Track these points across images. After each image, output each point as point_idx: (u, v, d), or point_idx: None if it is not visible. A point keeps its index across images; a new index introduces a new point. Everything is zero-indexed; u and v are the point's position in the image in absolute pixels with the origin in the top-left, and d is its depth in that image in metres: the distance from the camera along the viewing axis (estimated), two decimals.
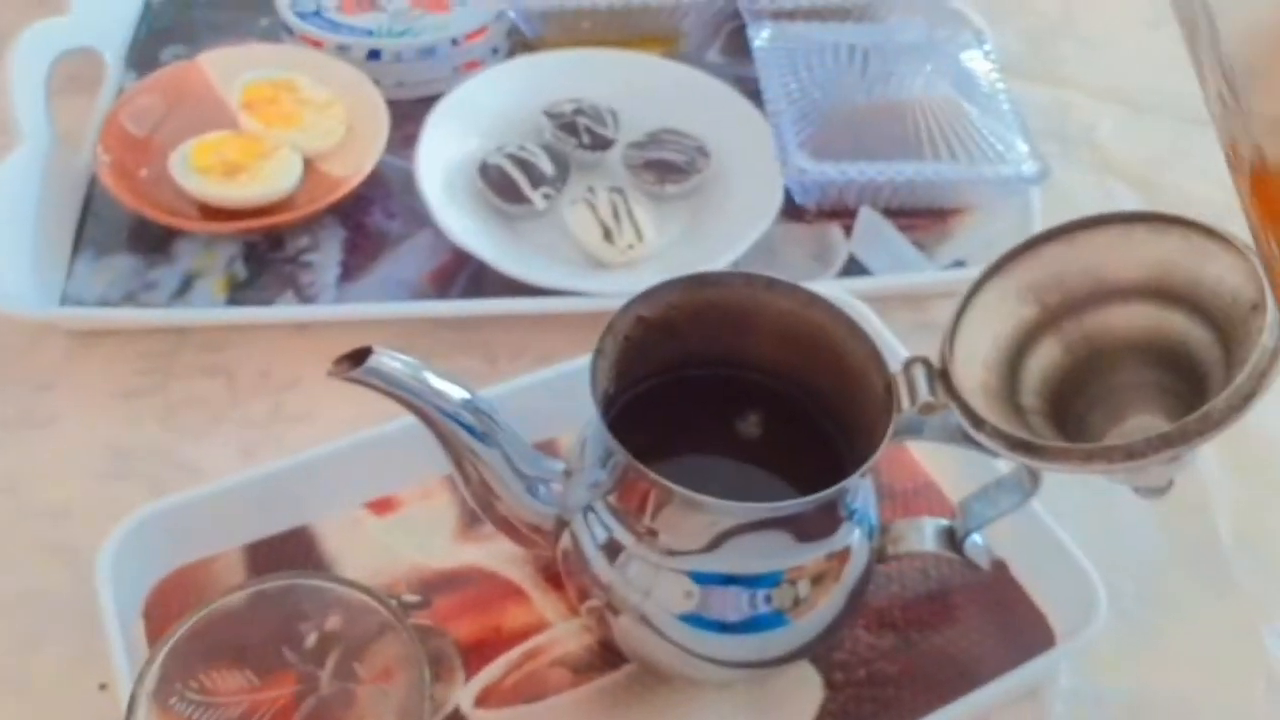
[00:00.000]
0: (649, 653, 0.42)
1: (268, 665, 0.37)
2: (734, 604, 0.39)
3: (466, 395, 0.38)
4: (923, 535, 0.45)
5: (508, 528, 0.41)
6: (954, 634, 0.46)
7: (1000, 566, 0.48)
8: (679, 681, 0.44)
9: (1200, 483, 0.54)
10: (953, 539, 0.45)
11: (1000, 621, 0.47)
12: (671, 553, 0.39)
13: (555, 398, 0.50)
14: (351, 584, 0.34)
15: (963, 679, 0.45)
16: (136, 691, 0.32)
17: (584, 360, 0.51)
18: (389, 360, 0.37)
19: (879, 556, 0.43)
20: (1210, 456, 0.54)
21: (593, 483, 0.40)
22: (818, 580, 0.40)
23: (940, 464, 0.52)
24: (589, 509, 0.40)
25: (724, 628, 0.40)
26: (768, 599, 0.39)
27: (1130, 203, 0.70)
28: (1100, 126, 0.74)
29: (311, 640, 0.37)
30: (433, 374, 0.38)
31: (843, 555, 0.41)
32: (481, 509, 0.41)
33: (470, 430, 0.38)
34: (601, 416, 0.38)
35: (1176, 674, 0.47)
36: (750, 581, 0.39)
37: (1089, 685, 0.46)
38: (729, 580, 0.39)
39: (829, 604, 0.41)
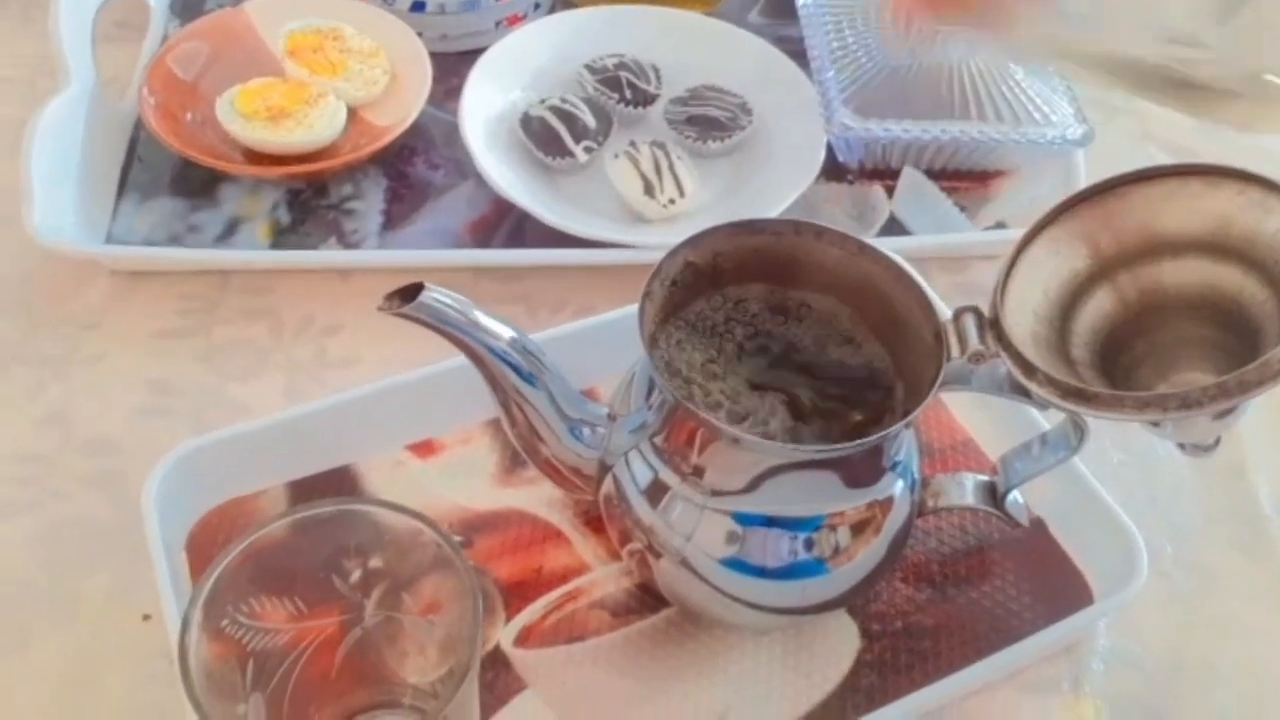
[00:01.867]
0: (689, 596, 0.42)
1: (316, 593, 0.37)
2: (774, 549, 0.39)
3: (515, 334, 0.38)
4: (964, 490, 0.45)
5: (550, 470, 0.41)
6: (991, 589, 0.46)
7: (1038, 524, 0.48)
8: (717, 628, 0.44)
9: (1240, 448, 0.53)
10: (994, 494, 0.45)
11: (1038, 578, 0.47)
12: (716, 493, 0.39)
13: (595, 348, 0.51)
14: (408, 511, 0.34)
15: (999, 634, 0.45)
16: (189, 613, 0.32)
17: (623, 311, 0.52)
18: (439, 297, 0.37)
19: (919, 510, 0.43)
20: (1251, 422, 0.54)
21: (638, 425, 0.40)
22: (858, 529, 0.40)
23: (978, 422, 0.52)
24: (633, 452, 0.40)
25: (764, 573, 0.40)
26: (808, 544, 0.39)
27: None
28: None
29: (360, 570, 0.37)
30: (482, 313, 0.38)
31: (884, 505, 0.41)
32: (526, 451, 0.41)
33: (518, 370, 0.39)
34: (650, 357, 0.38)
35: (1214, 637, 0.47)
36: (791, 525, 0.39)
37: (1126, 645, 0.46)
38: (770, 522, 0.39)
39: (868, 553, 0.41)
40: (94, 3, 0.62)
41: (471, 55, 0.64)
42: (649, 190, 0.58)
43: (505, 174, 0.59)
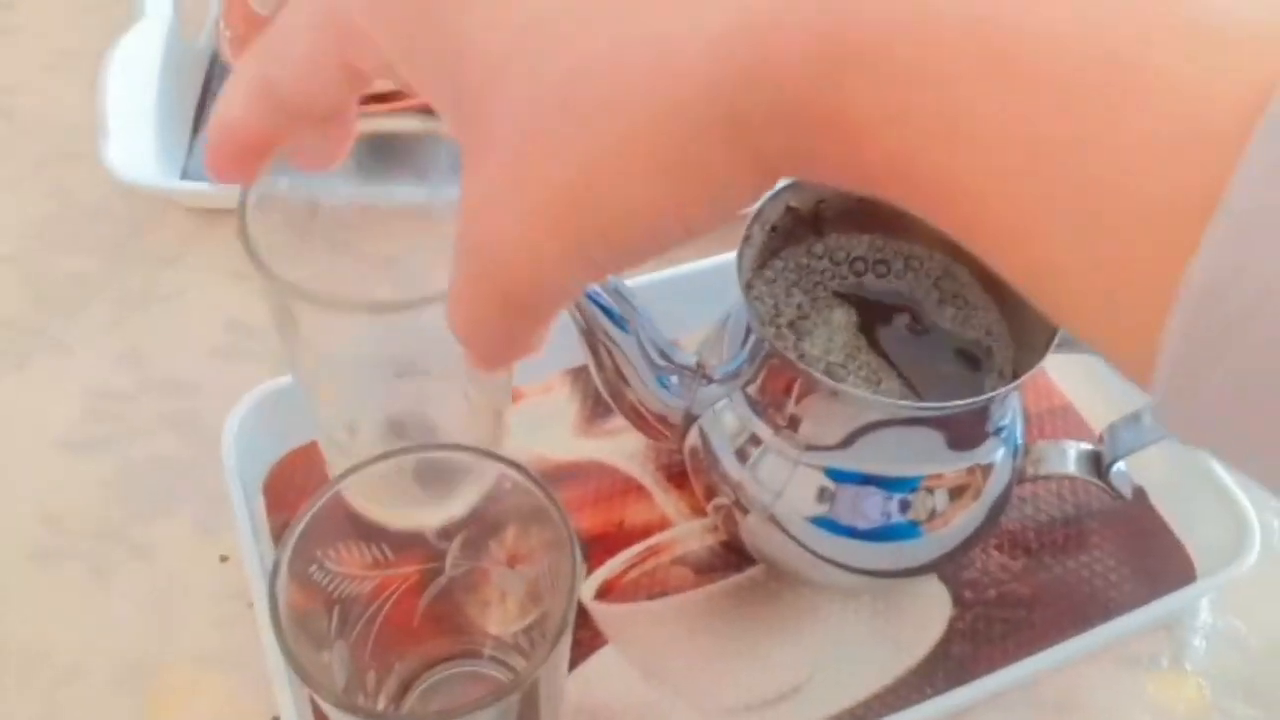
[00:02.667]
0: (776, 554, 0.41)
1: (402, 540, 0.36)
2: (868, 508, 0.38)
3: (614, 280, 0.37)
4: (1066, 458, 0.43)
5: (636, 417, 0.40)
6: (1089, 560, 0.45)
7: (1139, 494, 0.47)
8: (804, 588, 0.43)
9: None
10: (1098, 464, 0.43)
11: (1138, 550, 0.45)
12: (810, 447, 0.37)
13: (680, 299, 0.49)
14: (498, 458, 0.33)
15: (1096, 607, 0.43)
16: (279, 558, 0.31)
17: (711, 261, 0.50)
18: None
19: (1019, 477, 0.41)
20: None
21: (730, 374, 0.39)
22: (956, 493, 0.39)
23: (1079, 389, 0.50)
24: (722, 403, 0.39)
25: (855, 533, 0.38)
26: (903, 506, 0.38)
27: None
28: None
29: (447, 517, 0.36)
30: None
31: (985, 470, 0.39)
32: (611, 396, 0.40)
33: (609, 313, 0.37)
34: (748, 303, 0.37)
35: None
36: (888, 484, 0.38)
37: (1230, 622, 0.45)
38: (866, 480, 0.38)
39: (965, 519, 0.39)
40: None
41: None
42: None
43: None
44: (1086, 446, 0.43)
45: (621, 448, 0.47)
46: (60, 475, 0.46)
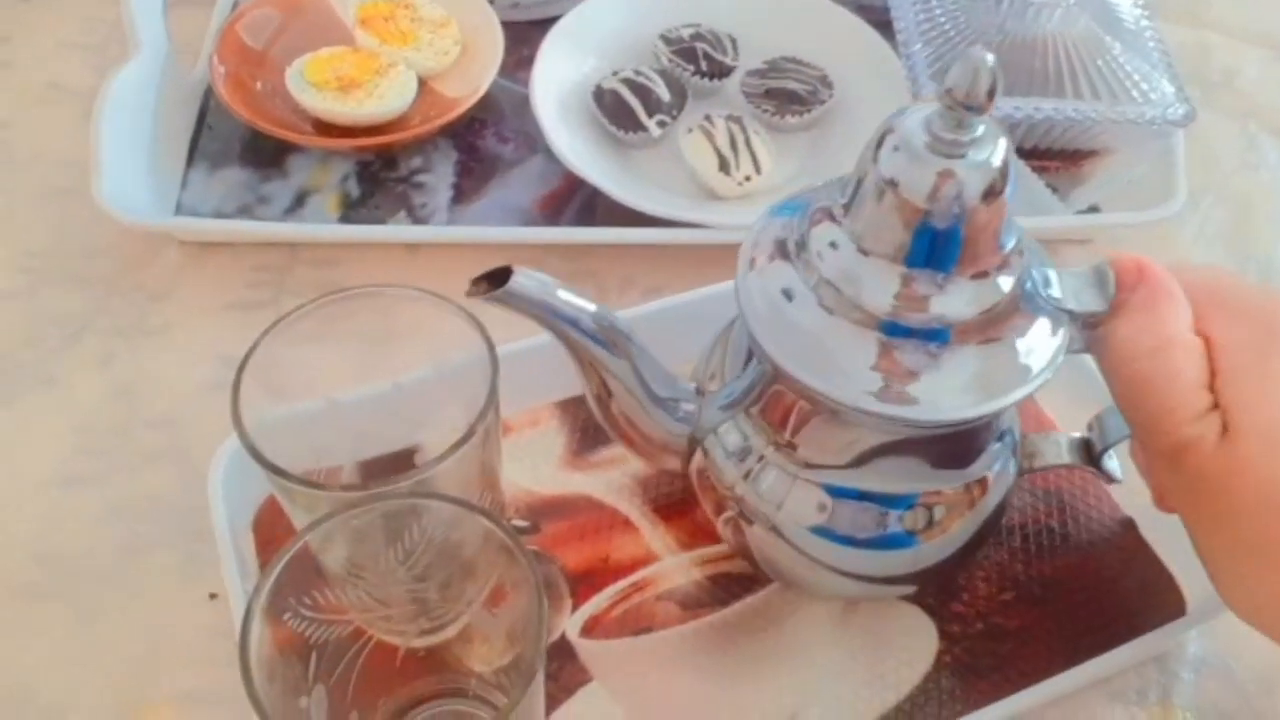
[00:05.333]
0: (780, 562, 0.41)
1: (379, 583, 0.36)
2: (865, 521, 0.38)
3: (602, 313, 0.37)
4: (1059, 448, 0.43)
5: (642, 448, 0.40)
6: (1078, 593, 0.44)
7: (1129, 524, 0.46)
8: (790, 623, 0.43)
9: None
10: (1090, 452, 0.43)
11: (1128, 582, 0.45)
12: (809, 465, 0.38)
13: (666, 330, 0.49)
14: (469, 506, 0.33)
15: (1085, 640, 0.43)
16: (252, 605, 0.31)
17: (695, 293, 0.50)
18: (527, 281, 0.36)
19: (1022, 469, 0.41)
20: None
21: (731, 400, 0.39)
22: (953, 506, 0.39)
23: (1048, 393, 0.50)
24: (726, 424, 0.39)
25: (853, 542, 0.39)
26: (900, 519, 0.38)
27: (1274, 150, 0.66)
28: (1244, 71, 0.70)
29: (423, 560, 0.36)
30: (568, 293, 0.37)
31: (981, 484, 0.39)
32: (615, 431, 0.40)
33: (609, 349, 0.37)
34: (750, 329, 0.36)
35: None
36: (885, 501, 0.38)
37: (1218, 656, 0.44)
38: (863, 497, 0.38)
39: (962, 529, 0.39)
40: None
41: (543, 24, 0.62)
42: (724, 167, 0.56)
43: (576, 148, 0.57)
44: (1076, 436, 0.43)
45: (609, 481, 0.47)
46: (49, 511, 0.46)
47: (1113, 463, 0.43)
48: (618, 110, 0.59)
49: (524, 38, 0.62)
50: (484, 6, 0.63)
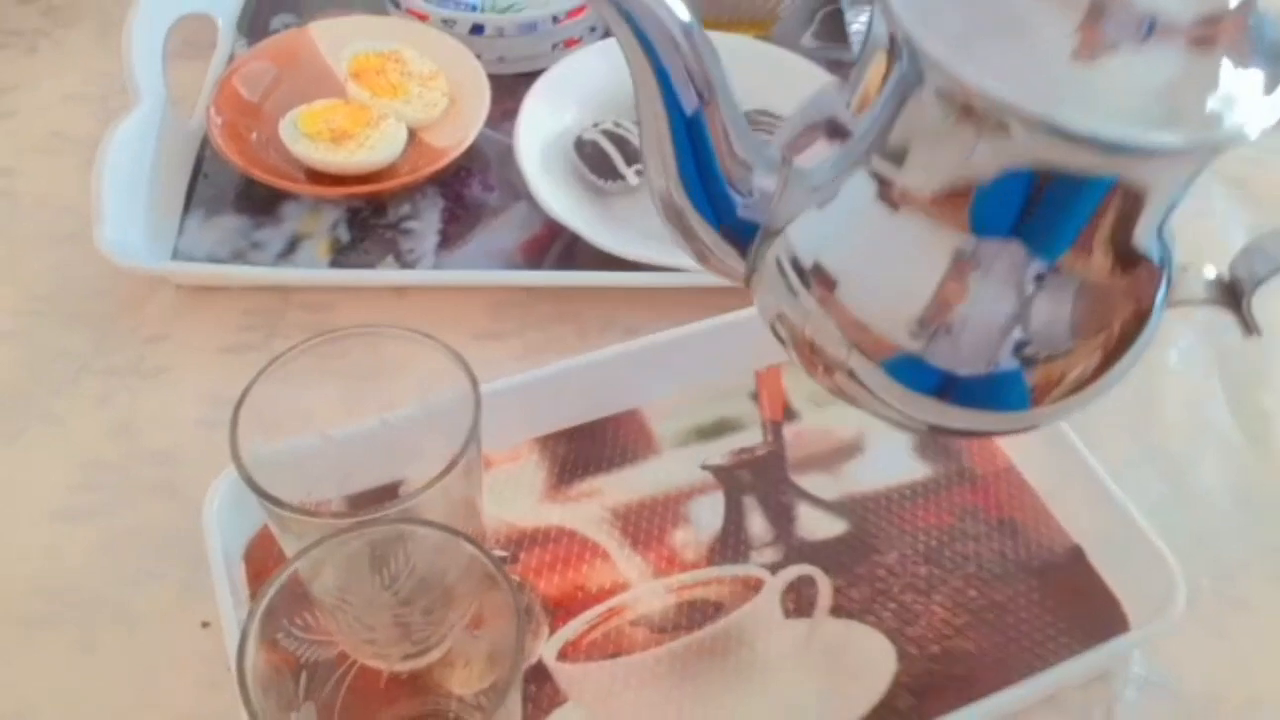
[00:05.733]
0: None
1: (365, 609, 0.38)
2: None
3: (700, 34, 0.30)
4: (1198, 284, 0.37)
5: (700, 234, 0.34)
6: (1029, 615, 0.47)
7: (1076, 551, 0.49)
8: (757, 646, 0.45)
9: None
10: (1233, 292, 0.37)
11: (1075, 605, 0.47)
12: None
13: (643, 368, 0.52)
14: (454, 532, 0.35)
15: (1036, 659, 0.45)
16: (249, 622, 0.34)
17: (670, 333, 0.53)
18: None
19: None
20: None
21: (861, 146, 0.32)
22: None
23: (1021, 451, 0.52)
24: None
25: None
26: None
27: (1222, 199, 0.69)
28: None
29: (409, 584, 0.38)
30: None
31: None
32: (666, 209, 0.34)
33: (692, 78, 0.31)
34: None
35: (1250, 670, 0.47)
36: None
37: (1162, 675, 0.47)
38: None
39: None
40: (165, 22, 0.64)
41: (528, 77, 0.65)
42: None
43: (558, 196, 0.60)
44: (1217, 272, 0.37)
45: (587, 514, 0.49)
46: (50, 543, 0.48)
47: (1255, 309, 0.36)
48: (597, 160, 0.62)
49: (509, 90, 0.65)
50: (471, 61, 0.66)
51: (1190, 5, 0.27)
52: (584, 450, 0.52)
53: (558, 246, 0.61)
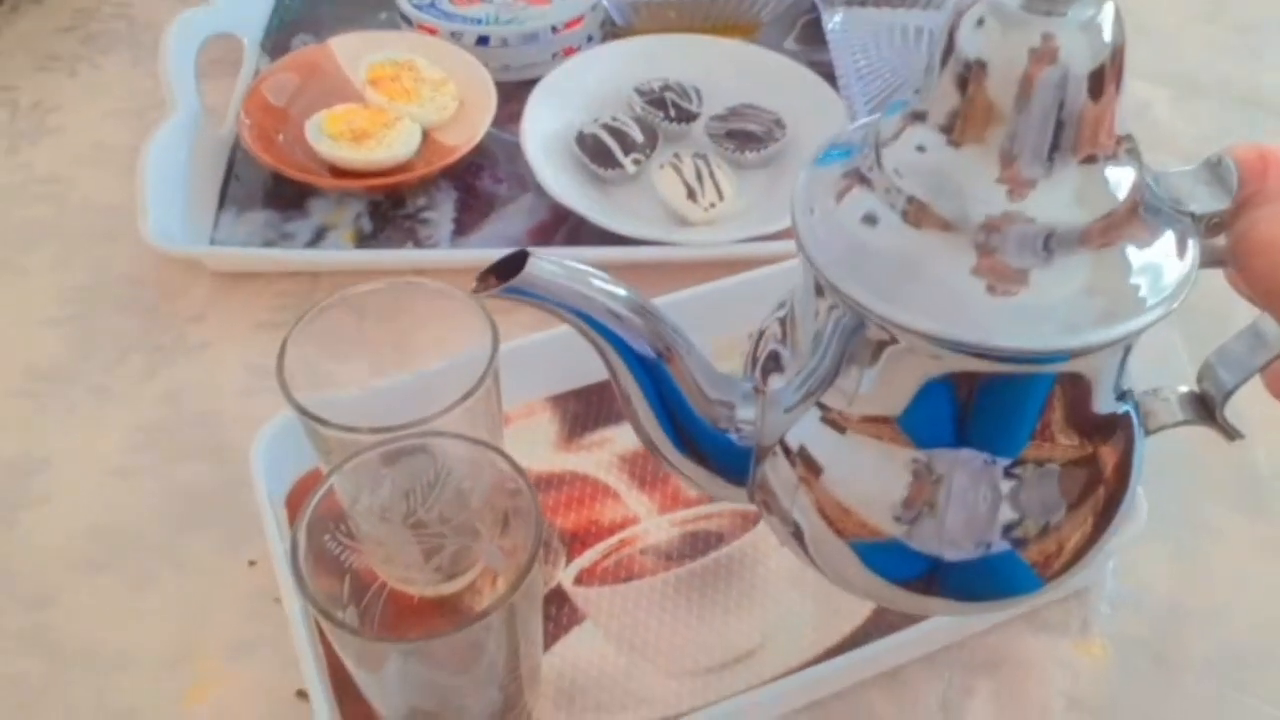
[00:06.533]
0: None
1: (401, 517, 0.43)
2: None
3: (643, 305, 0.33)
4: (1172, 407, 0.38)
5: (701, 470, 0.36)
6: None
7: None
8: (757, 571, 0.50)
9: (1241, 422, 0.57)
10: (1206, 406, 0.38)
11: None
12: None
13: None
14: (480, 442, 0.40)
15: None
16: (296, 532, 0.38)
17: (670, 297, 0.57)
18: (548, 266, 0.32)
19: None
20: (1251, 398, 0.58)
21: (807, 383, 0.34)
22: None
23: None
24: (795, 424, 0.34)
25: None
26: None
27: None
28: (1155, 105, 0.79)
29: (439, 505, 0.43)
30: (598, 278, 0.33)
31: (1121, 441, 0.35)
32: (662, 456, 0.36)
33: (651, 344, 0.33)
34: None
35: (1213, 587, 0.51)
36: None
37: (1132, 591, 0.51)
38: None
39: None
40: (196, 40, 0.70)
41: (531, 83, 0.71)
42: (691, 195, 0.64)
43: (562, 185, 0.65)
44: (1185, 390, 0.39)
45: (597, 460, 0.54)
46: (107, 497, 0.53)
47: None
48: (598, 151, 0.67)
49: (513, 95, 0.71)
50: (479, 68, 0.71)
51: (1083, 214, 0.29)
52: (593, 406, 0.56)
53: (563, 232, 0.65)
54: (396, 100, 0.68)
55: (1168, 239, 0.30)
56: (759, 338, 0.38)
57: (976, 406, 0.32)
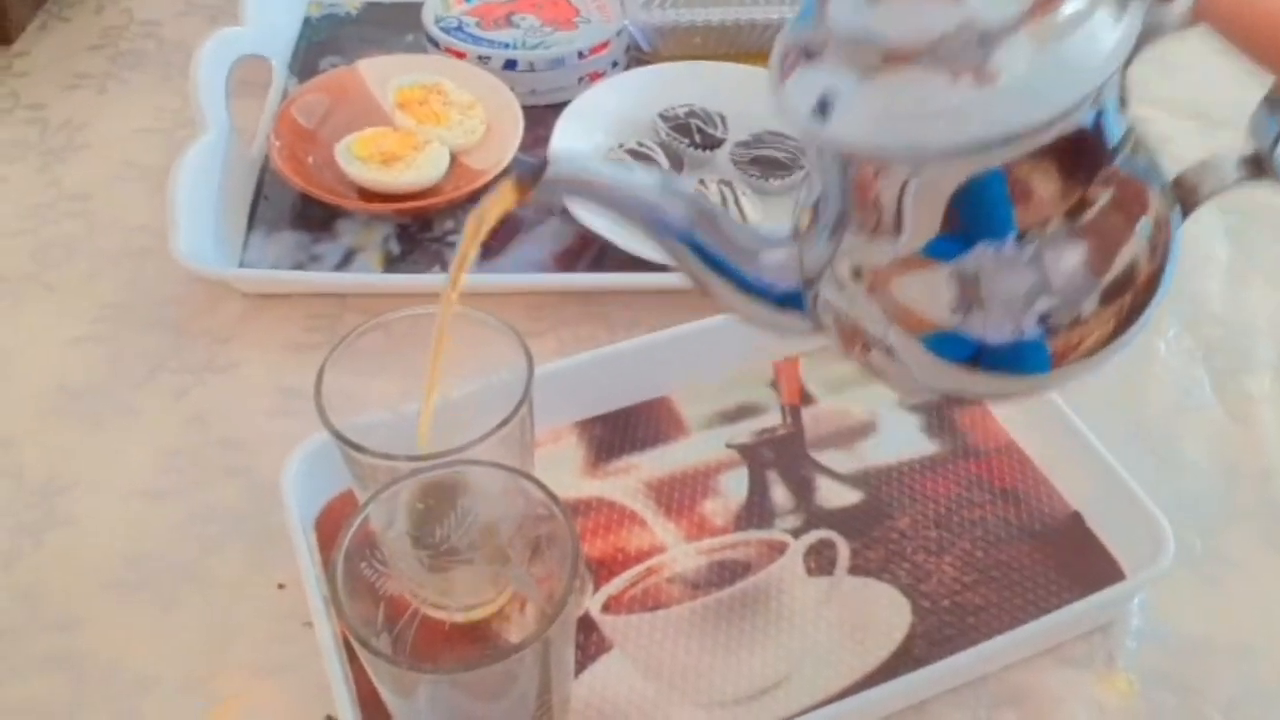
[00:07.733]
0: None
1: (433, 544, 0.43)
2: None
3: (669, 183, 0.36)
4: (1223, 172, 0.36)
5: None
6: (1032, 572, 0.51)
7: (1076, 517, 0.53)
8: (783, 600, 0.50)
9: (1265, 452, 0.58)
10: (1259, 164, 0.35)
11: (1076, 564, 0.51)
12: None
13: (668, 358, 0.57)
14: (523, 474, 0.40)
15: (1040, 610, 0.49)
16: (335, 555, 0.38)
17: (694, 325, 0.57)
18: (568, 165, 0.35)
19: (1185, 208, 0.36)
20: (1276, 426, 0.58)
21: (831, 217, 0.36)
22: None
23: (1019, 426, 0.57)
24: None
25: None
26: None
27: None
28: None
29: (474, 525, 0.43)
30: (614, 168, 0.36)
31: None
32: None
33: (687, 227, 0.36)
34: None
35: (1239, 622, 0.51)
36: None
37: (1157, 627, 0.51)
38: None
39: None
40: (227, 61, 0.70)
41: (557, 108, 0.71)
42: None
43: (588, 209, 0.65)
44: (1235, 156, 0.36)
45: (624, 486, 0.54)
46: (136, 519, 0.53)
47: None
48: None
49: (540, 120, 0.71)
50: (506, 92, 0.72)
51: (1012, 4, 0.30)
52: (619, 432, 0.56)
53: (586, 256, 0.66)
54: (425, 123, 0.69)
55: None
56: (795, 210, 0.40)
57: (975, 198, 0.32)
